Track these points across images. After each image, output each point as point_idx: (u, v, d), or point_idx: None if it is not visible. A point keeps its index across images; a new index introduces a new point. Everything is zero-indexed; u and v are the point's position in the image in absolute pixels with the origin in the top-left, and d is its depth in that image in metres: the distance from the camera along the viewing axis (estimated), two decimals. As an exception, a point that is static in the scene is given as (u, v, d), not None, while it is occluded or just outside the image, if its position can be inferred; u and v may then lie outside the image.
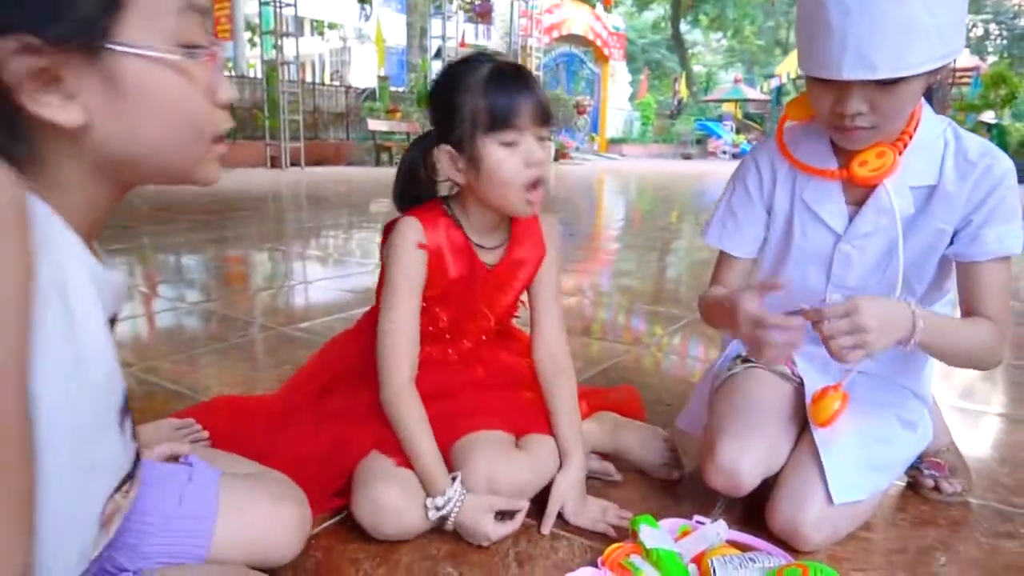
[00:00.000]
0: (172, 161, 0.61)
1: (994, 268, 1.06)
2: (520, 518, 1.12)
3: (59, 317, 0.53)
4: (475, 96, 1.09)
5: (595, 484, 1.28)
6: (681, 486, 1.30)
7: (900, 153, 1.06)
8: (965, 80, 17.42)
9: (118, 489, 0.64)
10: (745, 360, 1.26)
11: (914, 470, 1.28)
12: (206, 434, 1.32)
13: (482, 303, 1.28)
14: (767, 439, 1.12)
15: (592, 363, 2.03)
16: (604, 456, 1.35)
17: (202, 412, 1.39)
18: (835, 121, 1.03)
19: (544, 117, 1.12)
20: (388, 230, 1.21)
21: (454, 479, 1.10)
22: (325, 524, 1.14)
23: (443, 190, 1.24)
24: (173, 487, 0.90)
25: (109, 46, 0.54)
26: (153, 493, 0.87)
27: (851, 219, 1.13)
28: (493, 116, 1.09)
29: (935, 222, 1.08)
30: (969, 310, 1.08)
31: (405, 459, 1.12)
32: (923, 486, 1.27)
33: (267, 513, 0.95)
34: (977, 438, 1.57)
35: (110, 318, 0.63)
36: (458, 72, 1.14)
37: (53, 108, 0.53)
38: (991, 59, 26.44)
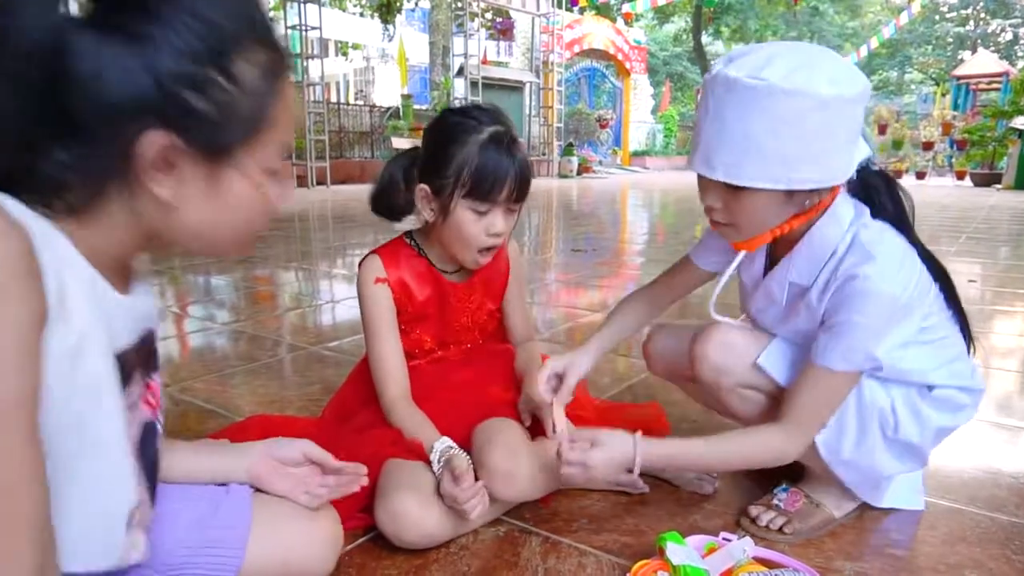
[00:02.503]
0: (221, 245, 0.73)
1: (818, 373, 1.06)
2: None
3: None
4: (466, 158, 1.19)
5: (621, 499, 1.30)
6: (707, 503, 1.30)
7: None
8: (995, 86, 17.12)
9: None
10: None
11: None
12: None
13: (462, 316, 1.40)
14: (689, 329, 1.29)
15: (619, 379, 2.04)
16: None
17: (237, 432, 1.43)
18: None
19: (520, 194, 1.23)
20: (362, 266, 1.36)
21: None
22: (358, 541, 1.16)
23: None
24: (210, 498, 0.93)
25: (231, 166, 0.66)
26: (189, 504, 0.91)
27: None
28: (475, 187, 1.19)
29: (804, 318, 1.12)
30: (783, 399, 1.11)
31: (415, 453, 1.19)
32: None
33: (301, 529, 0.98)
34: (1011, 454, 1.55)
35: (139, 343, 0.70)
36: (458, 125, 1.22)
37: (157, 184, 0.63)
38: (1021, 64, 26.02)
